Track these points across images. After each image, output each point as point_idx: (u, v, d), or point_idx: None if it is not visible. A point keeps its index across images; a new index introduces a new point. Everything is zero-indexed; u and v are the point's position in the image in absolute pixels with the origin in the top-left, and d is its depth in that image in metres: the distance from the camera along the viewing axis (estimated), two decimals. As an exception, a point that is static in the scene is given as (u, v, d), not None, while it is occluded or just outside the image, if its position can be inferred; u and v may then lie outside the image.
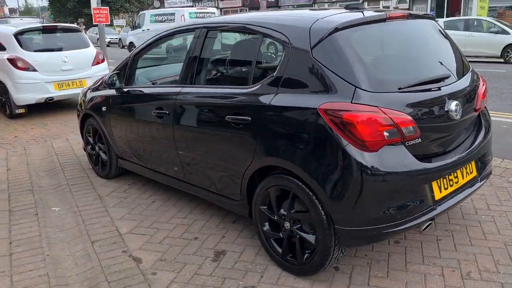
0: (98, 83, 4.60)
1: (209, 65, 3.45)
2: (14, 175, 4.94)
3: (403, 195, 2.50)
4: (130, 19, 51.65)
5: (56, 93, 7.72)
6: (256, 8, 40.15)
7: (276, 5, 39.33)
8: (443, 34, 3.20)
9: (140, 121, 3.87)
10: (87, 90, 4.80)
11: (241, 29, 3.11)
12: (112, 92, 4.20)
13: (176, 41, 4.17)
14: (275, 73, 2.76)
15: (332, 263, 2.70)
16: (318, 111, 2.49)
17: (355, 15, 2.74)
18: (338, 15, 2.78)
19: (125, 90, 4.01)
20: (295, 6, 38.32)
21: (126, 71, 4.06)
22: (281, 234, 2.87)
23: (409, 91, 2.59)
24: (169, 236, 3.44)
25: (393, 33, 2.89)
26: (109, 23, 14.92)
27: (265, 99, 2.76)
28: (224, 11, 45.52)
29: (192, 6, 49.01)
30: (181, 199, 4.11)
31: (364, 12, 2.85)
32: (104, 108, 4.31)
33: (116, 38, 32.00)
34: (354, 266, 2.94)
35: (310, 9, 3.61)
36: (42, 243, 3.41)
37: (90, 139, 4.76)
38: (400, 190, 2.49)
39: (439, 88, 2.72)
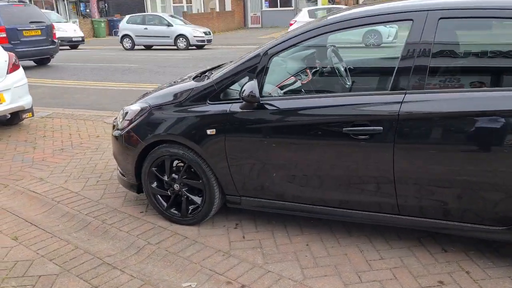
0: (175, 97, 3.31)
1: (456, 64, 2.70)
2: (33, 247, 3.28)
3: None
4: None
5: (-36, 115, 5.52)
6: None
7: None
8: None
9: (305, 144, 2.88)
10: (145, 109, 3.42)
11: None
12: (229, 107, 3.05)
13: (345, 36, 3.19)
14: None
15: None
16: None
17: None
18: None
19: (272, 103, 2.94)
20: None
21: (259, 78, 2.97)
22: None
23: None
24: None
25: None
26: None
27: None
28: (34, 2, 39.82)
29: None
30: (334, 234, 3.25)
31: None
32: (210, 131, 3.10)
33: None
34: None
35: None
36: None
37: (164, 176, 3.43)
38: None
39: None
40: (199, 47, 19.85)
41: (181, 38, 19.59)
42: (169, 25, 19.87)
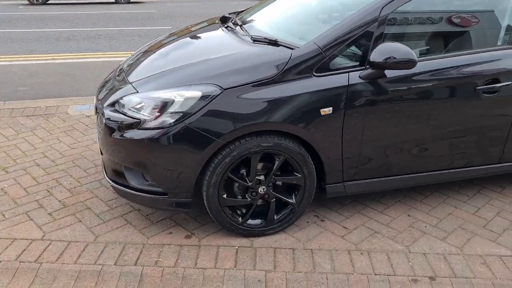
0: (259, 71, 2.44)
1: None
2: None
3: None
4: None
5: None
6: None
7: None
8: None
9: (446, 107, 2.69)
10: (210, 95, 2.39)
11: None
12: (346, 78, 2.48)
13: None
14: None
15: None
16: None
17: None
18: None
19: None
20: None
21: (369, 40, 2.51)
22: None
23: None
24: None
25: None
26: None
27: None
28: None
29: None
30: (412, 198, 3.17)
31: None
32: (326, 111, 2.47)
33: None
34: None
35: None
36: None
37: (246, 180, 2.55)
38: None
39: None
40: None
41: None
42: None
